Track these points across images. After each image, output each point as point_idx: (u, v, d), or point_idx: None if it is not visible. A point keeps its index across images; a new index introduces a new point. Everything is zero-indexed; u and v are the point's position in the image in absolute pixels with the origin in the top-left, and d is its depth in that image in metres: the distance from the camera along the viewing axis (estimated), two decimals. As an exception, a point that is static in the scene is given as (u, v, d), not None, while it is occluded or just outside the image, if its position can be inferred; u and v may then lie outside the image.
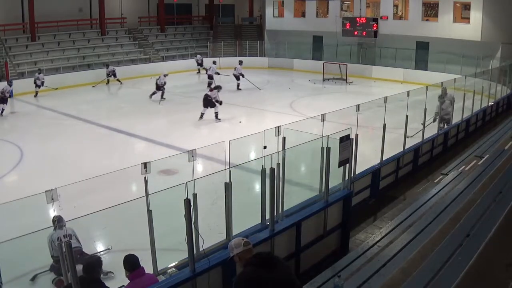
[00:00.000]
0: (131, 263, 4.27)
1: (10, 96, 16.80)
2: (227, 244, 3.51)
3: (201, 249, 4.75)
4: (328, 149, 6.08)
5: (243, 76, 20.75)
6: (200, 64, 25.81)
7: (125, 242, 6.44)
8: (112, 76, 22.47)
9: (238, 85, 20.74)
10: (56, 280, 5.60)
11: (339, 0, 27.12)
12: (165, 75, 18.04)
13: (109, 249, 6.42)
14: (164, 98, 17.84)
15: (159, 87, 17.96)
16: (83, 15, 26.12)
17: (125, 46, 26.66)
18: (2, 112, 16.06)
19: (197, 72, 25.95)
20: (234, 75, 20.91)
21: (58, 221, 4.18)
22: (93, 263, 4.44)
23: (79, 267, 4.22)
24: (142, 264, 4.37)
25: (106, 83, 22.51)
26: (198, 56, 26.29)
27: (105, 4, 25.76)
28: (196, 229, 4.62)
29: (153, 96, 18.06)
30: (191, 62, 26.69)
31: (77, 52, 24.22)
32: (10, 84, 17.06)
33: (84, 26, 25.80)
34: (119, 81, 22.52)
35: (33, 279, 5.72)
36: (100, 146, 12.45)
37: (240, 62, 21.35)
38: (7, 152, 11.76)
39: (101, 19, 25.94)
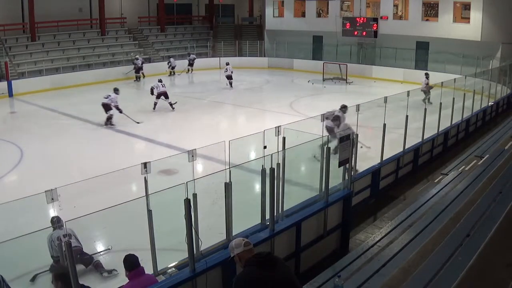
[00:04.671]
0: (130, 263, 4.27)
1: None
2: (227, 244, 3.51)
3: (200, 250, 4.76)
4: (328, 149, 6.08)
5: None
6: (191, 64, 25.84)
7: (125, 242, 6.43)
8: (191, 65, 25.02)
9: (230, 84, 21.34)
10: (55, 280, 5.60)
11: (339, 0, 27.13)
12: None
13: (109, 249, 6.42)
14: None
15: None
16: (83, 15, 26.11)
17: (125, 46, 26.64)
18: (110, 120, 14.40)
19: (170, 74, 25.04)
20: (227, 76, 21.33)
21: (56, 221, 4.17)
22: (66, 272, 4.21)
23: (79, 267, 4.22)
24: (142, 264, 4.37)
25: (187, 72, 24.74)
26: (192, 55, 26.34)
27: (105, 4, 25.75)
28: (196, 231, 4.61)
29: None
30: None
31: (77, 52, 24.21)
32: (117, 92, 14.72)
33: (84, 26, 25.80)
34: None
35: (33, 279, 5.72)
36: (100, 146, 12.45)
37: (227, 63, 21.70)
38: (7, 152, 11.76)
39: (101, 19, 25.93)
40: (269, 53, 29.59)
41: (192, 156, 4.57)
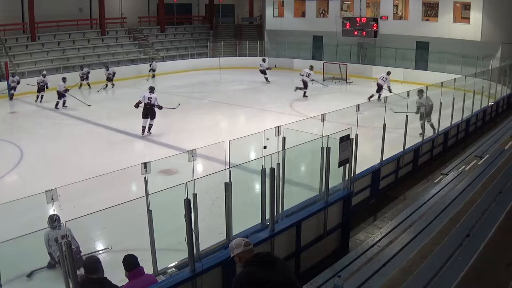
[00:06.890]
0: (130, 263, 4.26)
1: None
2: (227, 244, 3.51)
3: (200, 250, 4.75)
4: (328, 149, 6.08)
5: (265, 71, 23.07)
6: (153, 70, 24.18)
7: (125, 242, 6.42)
8: (86, 79, 21.35)
9: (266, 79, 22.98)
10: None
11: (339, 0, 27.12)
12: None
13: (108, 248, 6.41)
14: None
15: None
16: (83, 15, 26.12)
17: (125, 46, 26.66)
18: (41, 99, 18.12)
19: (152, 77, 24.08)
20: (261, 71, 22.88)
21: (57, 220, 4.16)
22: (93, 262, 4.40)
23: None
24: (142, 264, 4.37)
25: (79, 87, 20.97)
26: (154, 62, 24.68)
27: (105, 4, 25.76)
28: (196, 232, 4.61)
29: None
30: (192, 62, 26.71)
31: (77, 52, 24.22)
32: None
33: (84, 26, 25.81)
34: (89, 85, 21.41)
35: (30, 275, 5.70)
36: (100, 146, 12.44)
37: (264, 60, 23.53)
38: (7, 152, 11.75)
39: (101, 19, 25.93)
40: (269, 53, 29.58)
41: (192, 156, 4.57)
